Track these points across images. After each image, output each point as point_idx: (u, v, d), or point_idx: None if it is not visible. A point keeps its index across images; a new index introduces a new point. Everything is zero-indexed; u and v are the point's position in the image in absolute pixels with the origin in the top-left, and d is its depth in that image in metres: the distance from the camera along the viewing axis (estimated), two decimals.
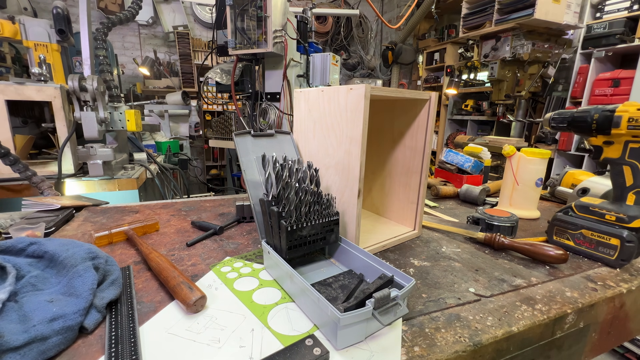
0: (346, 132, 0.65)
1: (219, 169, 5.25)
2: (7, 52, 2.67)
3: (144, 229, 0.79)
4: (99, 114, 1.47)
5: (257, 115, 2.09)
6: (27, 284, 0.47)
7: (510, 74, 2.63)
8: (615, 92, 2.24)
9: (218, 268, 0.63)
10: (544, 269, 0.67)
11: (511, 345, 0.48)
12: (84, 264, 0.50)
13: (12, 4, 2.16)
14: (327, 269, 0.65)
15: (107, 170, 1.53)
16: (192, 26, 4.95)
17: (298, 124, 0.80)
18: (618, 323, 0.62)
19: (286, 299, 0.54)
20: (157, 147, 3.15)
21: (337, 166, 0.69)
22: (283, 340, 0.44)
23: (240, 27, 1.85)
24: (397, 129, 0.84)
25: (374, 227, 0.85)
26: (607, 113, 0.66)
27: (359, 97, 0.60)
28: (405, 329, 0.47)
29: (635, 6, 2.25)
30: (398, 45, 4.88)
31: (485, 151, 1.36)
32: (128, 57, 4.78)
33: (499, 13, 2.53)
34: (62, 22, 1.70)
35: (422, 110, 0.77)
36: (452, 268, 0.66)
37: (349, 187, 0.67)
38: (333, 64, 2.15)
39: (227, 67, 2.21)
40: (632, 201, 0.67)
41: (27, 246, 0.55)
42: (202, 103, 4.68)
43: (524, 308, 0.53)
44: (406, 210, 0.85)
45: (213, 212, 0.97)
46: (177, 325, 0.47)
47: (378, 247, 0.74)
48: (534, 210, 1.00)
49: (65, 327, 0.41)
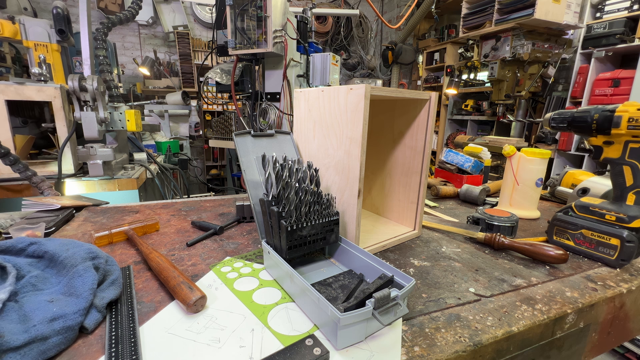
0: (346, 133, 0.65)
1: (219, 169, 5.25)
2: (7, 52, 2.67)
3: (144, 229, 0.79)
4: (99, 114, 1.47)
5: (257, 115, 2.09)
6: (27, 284, 0.47)
7: (510, 74, 2.63)
8: (615, 92, 2.24)
9: (218, 268, 0.63)
10: (544, 269, 0.67)
11: (511, 345, 0.48)
12: (84, 264, 0.50)
13: (12, 4, 2.16)
14: (327, 269, 0.65)
15: (107, 170, 1.53)
16: (192, 26, 4.95)
17: (298, 124, 0.80)
18: (618, 323, 0.62)
19: (286, 299, 0.54)
20: (157, 147, 3.15)
21: (337, 166, 0.69)
22: (283, 340, 0.44)
23: (240, 27, 1.85)
24: (397, 129, 0.84)
25: (374, 227, 0.85)
26: (607, 113, 0.66)
27: (359, 97, 0.60)
28: (405, 329, 0.47)
29: (635, 6, 2.25)
30: (398, 45, 4.88)
31: (485, 151, 1.36)
32: (128, 57, 4.78)
33: (499, 13, 2.53)
34: (62, 22, 1.70)
35: (422, 110, 0.77)
36: (452, 268, 0.66)
37: (349, 187, 0.67)
38: (333, 64, 2.15)
39: (227, 67, 2.21)
40: (632, 201, 0.67)
41: (27, 246, 0.55)
42: (202, 103, 4.69)
43: (524, 308, 0.53)
44: (406, 210, 0.86)
45: (213, 212, 0.97)
46: (177, 325, 0.47)
47: (378, 247, 0.74)
48: (534, 210, 1.00)
49: (65, 327, 0.41)
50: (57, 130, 1.47)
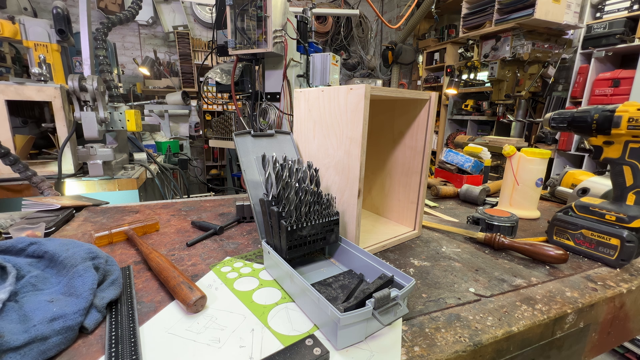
0: (346, 133, 0.65)
1: (219, 169, 5.25)
2: (7, 52, 2.67)
3: (144, 229, 0.79)
4: (99, 114, 1.47)
5: (257, 115, 2.09)
6: (28, 284, 0.47)
7: (510, 74, 2.63)
8: (615, 92, 2.24)
9: (218, 268, 0.63)
10: (544, 269, 0.67)
11: (511, 345, 0.48)
12: (84, 264, 0.50)
13: (12, 4, 2.16)
14: (327, 268, 0.65)
15: (107, 170, 1.53)
16: (192, 26, 4.95)
17: (298, 124, 0.80)
18: (618, 323, 0.62)
19: (286, 299, 0.54)
20: (157, 147, 3.15)
21: (337, 166, 0.69)
22: (283, 340, 0.44)
23: (240, 27, 1.85)
24: (397, 129, 0.84)
25: (374, 227, 0.85)
26: (607, 113, 0.66)
27: (359, 97, 0.60)
28: (405, 329, 0.47)
29: (635, 6, 2.25)
30: (398, 45, 4.88)
31: (485, 151, 1.36)
32: (128, 57, 4.78)
33: (499, 13, 2.53)
34: (62, 22, 1.70)
35: (422, 110, 0.77)
36: (452, 268, 0.66)
37: (349, 187, 0.67)
38: (333, 64, 2.15)
39: (227, 67, 2.21)
40: (632, 201, 0.67)
41: (27, 246, 0.55)
42: (202, 103, 4.69)
43: (524, 308, 0.53)
44: (406, 210, 0.86)
45: (213, 212, 0.97)
46: (177, 325, 0.47)
47: (378, 247, 0.74)
48: (534, 210, 1.00)
49: (65, 327, 0.41)
50: (57, 130, 1.47)
